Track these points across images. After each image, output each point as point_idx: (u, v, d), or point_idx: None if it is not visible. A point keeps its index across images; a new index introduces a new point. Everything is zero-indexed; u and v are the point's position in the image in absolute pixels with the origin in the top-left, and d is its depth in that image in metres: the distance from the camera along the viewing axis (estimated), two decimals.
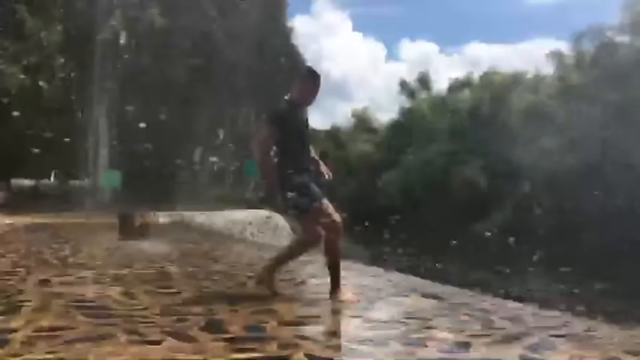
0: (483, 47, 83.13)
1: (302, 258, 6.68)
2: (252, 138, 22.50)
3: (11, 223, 10.95)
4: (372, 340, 2.53)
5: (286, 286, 3.94)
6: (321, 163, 3.72)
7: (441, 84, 38.99)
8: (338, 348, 2.38)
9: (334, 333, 2.80)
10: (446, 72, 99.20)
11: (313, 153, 3.70)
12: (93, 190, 20.08)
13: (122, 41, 22.58)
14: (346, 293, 3.53)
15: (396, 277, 4.98)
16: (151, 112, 20.80)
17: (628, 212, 18.43)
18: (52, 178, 23.09)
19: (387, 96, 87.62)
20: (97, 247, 6.82)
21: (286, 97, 3.63)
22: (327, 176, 3.68)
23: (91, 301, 3.30)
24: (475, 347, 2.44)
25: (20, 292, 3.57)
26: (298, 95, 3.57)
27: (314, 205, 3.42)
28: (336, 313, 3.22)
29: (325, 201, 3.50)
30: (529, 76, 32.77)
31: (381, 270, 5.65)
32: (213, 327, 2.68)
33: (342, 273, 4.92)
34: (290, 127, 3.47)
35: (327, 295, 3.54)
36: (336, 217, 3.51)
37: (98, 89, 20.58)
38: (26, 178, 23.25)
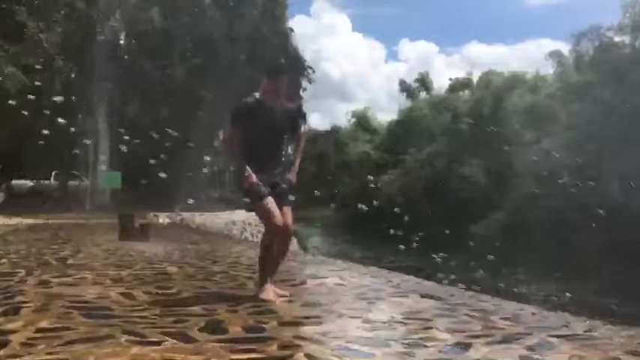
0: (483, 47, 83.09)
1: (301, 259, 6.70)
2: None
3: (11, 224, 10.95)
4: (372, 341, 2.53)
5: (286, 287, 3.94)
6: (293, 167, 3.61)
7: (440, 84, 39.05)
8: (338, 348, 2.38)
9: (334, 333, 2.79)
10: (446, 72, 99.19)
11: (294, 154, 3.68)
12: (93, 191, 20.07)
13: (122, 42, 22.58)
14: (269, 292, 3.48)
15: (396, 277, 4.98)
16: (151, 112, 20.78)
17: (627, 212, 18.41)
18: (52, 179, 23.07)
19: (387, 96, 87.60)
20: (96, 247, 6.82)
21: (256, 94, 3.58)
22: (290, 181, 3.58)
23: (91, 302, 3.30)
24: (475, 348, 2.44)
25: (20, 292, 3.56)
26: (262, 93, 3.53)
27: (259, 202, 3.43)
28: (336, 313, 3.22)
29: (271, 201, 3.44)
30: (529, 76, 32.85)
31: (380, 270, 5.66)
32: (213, 327, 2.68)
33: (343, 273, 4.94)
34: (251, 125, 3.45)
35: (322, 297, 3.54)
36: (289, 222, 3.49)
37: (98, 90, 20.57)
38: (26, 179, 23.26)
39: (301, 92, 27.41)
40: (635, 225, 16.45)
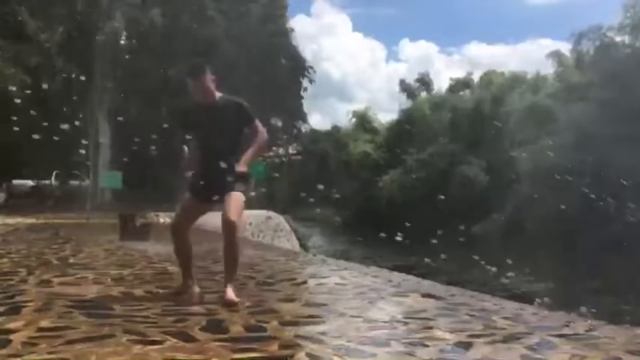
0: (483, 47, 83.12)
1: (301, 258, 6.70)
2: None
3: (12, 224, 10.95)
4: (373, 340, 2.53)
5: (287, 286, 3.94)
6: (243, 157, 3.48)
7: (441, 84, 39.11)
8: (339, 348, 2.38)
9: (335, 333, 2.79)
10: (446, 72, 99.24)
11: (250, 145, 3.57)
12: (93, 191, 20.07)
13: (123, 42, 22.59)
14: (230, 294, 3.29)
15: (397, 277, 4.98)
16: (151, 112, 20.80)
17: (628, 211, 18.41)
18: (52, 179, 23.08)
19: (388, 96, 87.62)
20: (97, 247, 6.82)
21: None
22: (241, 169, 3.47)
23: (92, 302, 3.30)
24: (476, 347, 2.44)
25: (21, 292, 3.57)
26: (192, 94, 3.56)
27: (184, 196, 3.61)
28: (337, 313, 3.22)
29: (186, 203, 3.64)
30: (529, 76, 32.85)
31: (381, 270, 5.65)
32: (214, 327, 2.68)
33: (344, 273, 4.93)
34: (190, 125, 3.61)
35: (325, 295, 3.54)
36: (228, 214, 3.34)
37: (99, 90, 20.59)
38: (27, 179, 23.28)
39: (302, 92, 27.46)
40: (636, 224, 16.43)
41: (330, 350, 2.34)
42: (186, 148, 3.65)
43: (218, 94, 3.54)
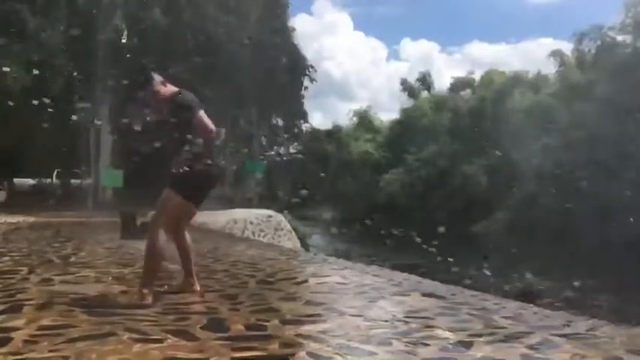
0: (485, 46, 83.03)
1: (302, 257, 6.70)
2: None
3: (13, 222, 10.96)
4: (374, 339, 2.53)
5: (287, 285, 3.94)
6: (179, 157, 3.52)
7: (442, 83, 39.07)
8: (340, 347, 2.38)
9: (336, 332, 2.80)
10: (447, 71, 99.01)
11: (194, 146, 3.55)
12: (94, 190, 20.07)
13: (124, 40, 22.58)
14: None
15: (398, 276, 4.97)
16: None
17: (629, 210, 18.40)
18: (54, 178, 23.09)
19: (389, 95, 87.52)
20: (98, 246, 6.82)
21: None
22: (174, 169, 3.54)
23: (93, 300, 3.31)
24: (477, 346, 2.44)
25: (22, 290, 3.57)
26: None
27: None
28: (337, 311, 3.22)
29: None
30: (530, 75, 32.83)
31: (382, 269, 5.65)
32: (215, 326, 2.69)
33: (344, 272, 4.93)
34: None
35: (326, 294, 3.53)
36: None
37: (100, 88, 20.57)
38: (28, 177, 23.31)
39: (303, 91, 27.43)
40: (635, 222, 16.42)
41: (331, 349, 2.34)
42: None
43: (172, 90, 3.55)
